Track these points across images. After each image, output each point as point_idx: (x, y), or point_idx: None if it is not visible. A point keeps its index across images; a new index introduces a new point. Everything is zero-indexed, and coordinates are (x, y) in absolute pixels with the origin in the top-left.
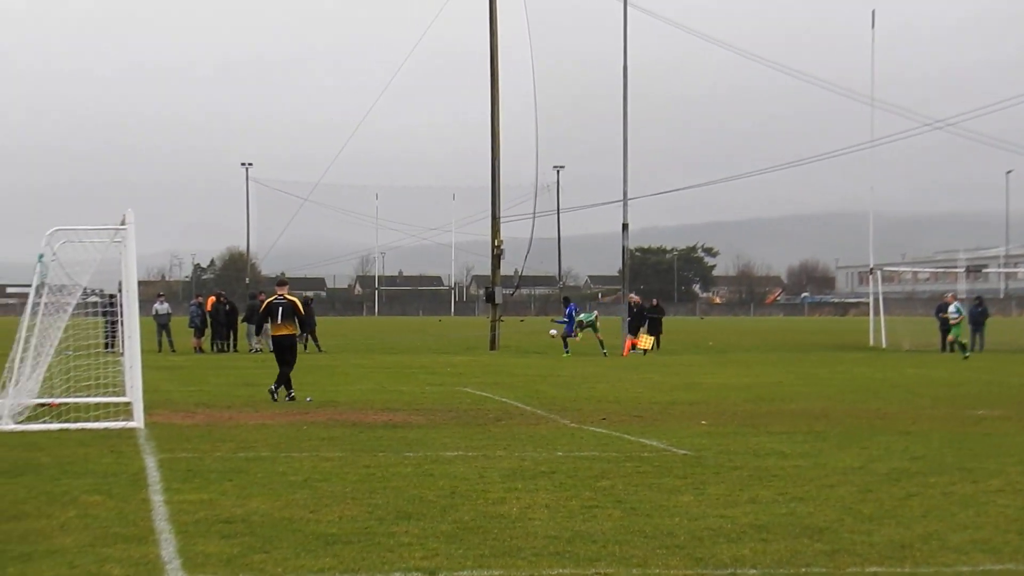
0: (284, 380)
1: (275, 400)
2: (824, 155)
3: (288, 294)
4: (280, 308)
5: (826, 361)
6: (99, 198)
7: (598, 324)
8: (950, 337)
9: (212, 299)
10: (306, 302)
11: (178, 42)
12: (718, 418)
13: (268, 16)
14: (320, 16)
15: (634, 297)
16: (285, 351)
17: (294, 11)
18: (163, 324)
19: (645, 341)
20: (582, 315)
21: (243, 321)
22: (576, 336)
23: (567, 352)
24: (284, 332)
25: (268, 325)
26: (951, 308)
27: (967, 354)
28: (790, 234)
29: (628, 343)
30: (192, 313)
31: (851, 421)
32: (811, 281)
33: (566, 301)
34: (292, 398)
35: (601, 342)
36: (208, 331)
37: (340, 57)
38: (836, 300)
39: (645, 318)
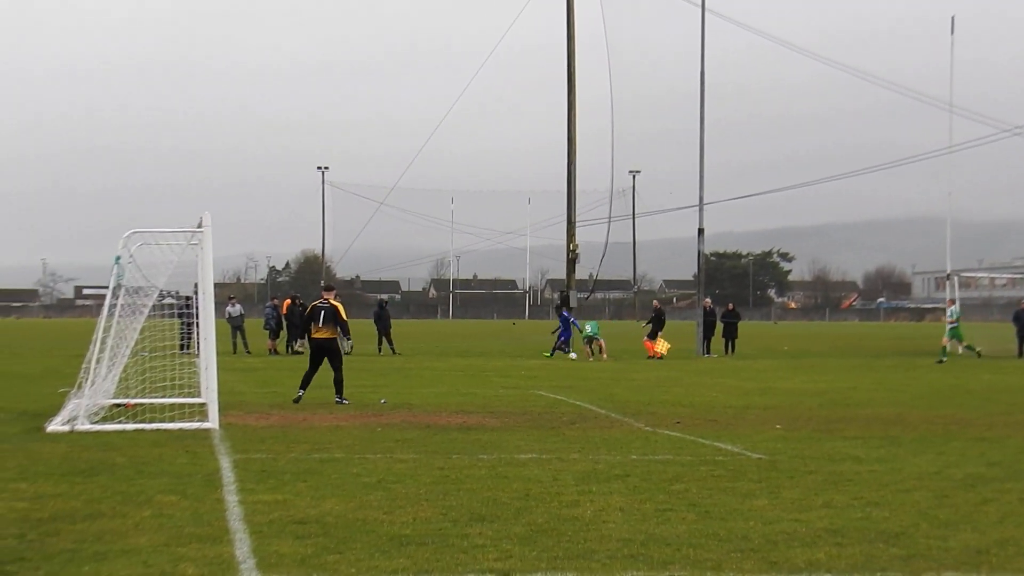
0: (338, 384)
1: (341, 402)
2: (902, 160)
3: (333, 299)
4: (322, 312)
5: (901, 367)
6: (176, 199)
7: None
8: (944, 340)
9: (288, 302)
10: (381, 305)
11: (255, 44)
12: (792, 422)
13: (346, 19)
14: (398, 19)
15: (707, 302)
16: (324, 353)
17: (372, 14)
18: (237, 326)
19: (662, 346)
20: (588, 326)
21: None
22: (588, 351)
23: (551, 355)
24: (323, 335)
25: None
26: (950, 310)
27: (977, 350)
28: (866, 239)
29: (649, 346)
30: (267, 315)
31: (926, 426)
32: (887, 287)
33: (559, 308)
34: (340, 401)
35: (602, 347)
36: (283, 333)
37: (417, 60)
38: (912, 306)
39: (719, 323)
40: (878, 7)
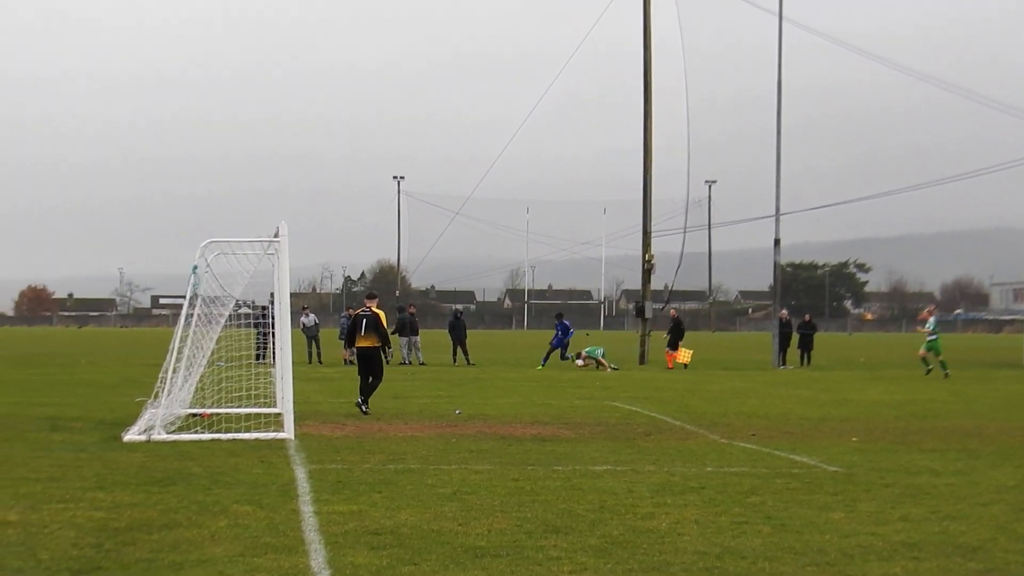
0: (369, 391)
1: (366, 412)
2: (980, 171)
3: (375, 308)
4: (364, 320)
5: (979, 379)
6: (250, 207)
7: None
8: (920, 351)
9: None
10: (456, 315)
11: (329, 50)
12: (869, 435)
13: (420, 25)
14: (473, 25)
15: (784, 313)
16: (368, 362)
17: (448, 22)
18: (312, 336)
19: (685, 355)
20: (598, 351)
21: (393, 333)
22: (582, 363)
23: (542, 367)
24: (366, 344)
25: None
26: (928, 323)
27: (946, 372)
28: (944, 250)
29: (669, 357)
30: (342, 325)
31: (1005, 439)
32: (964, 298)
33: (559, 317)
34: (365, 411)
35: (606, 364)
36: None
37: (492, 66)
38: (990, 317)
39: (795, 334)
40: (960, 12)
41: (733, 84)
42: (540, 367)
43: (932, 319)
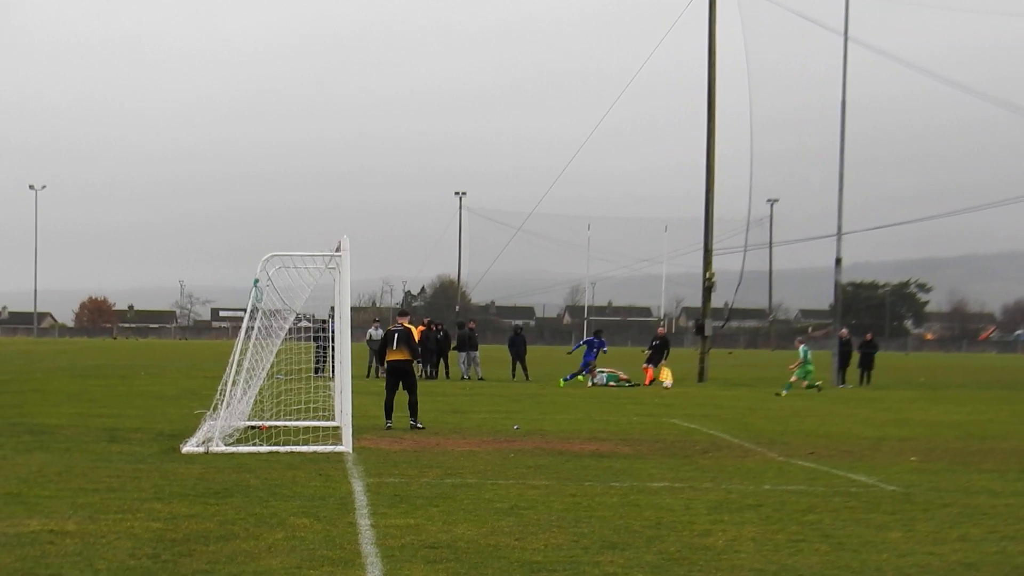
0: (413, 408)
1: (420, 427)
2: None
3: (407, 323)
4: (396, 335)
5: None
6: (312, 220)
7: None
8: (793, 379)
9: (421, 327)
10: (516, 330)
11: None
12: (928, 454)
13: (484, 40)
14: (536, 41)
15: (844, 332)
16: (400, 375)
17: (512, 35)
18: (376, 349)
19: (666, 374)
20: (607, 374)
21: (454, 349)
22: (589, 380)
23: (564, 383)
24: (398, 357)
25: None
26: (800, 349)
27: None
28: (1006, 271)
29: (647, 372)
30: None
31: None
32: None
33: (598, 334)
34: (417, 425)
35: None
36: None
37: (556, 82)
38: None
39: (855, 352)
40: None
41: (798, 101)
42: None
43: (804, 347)
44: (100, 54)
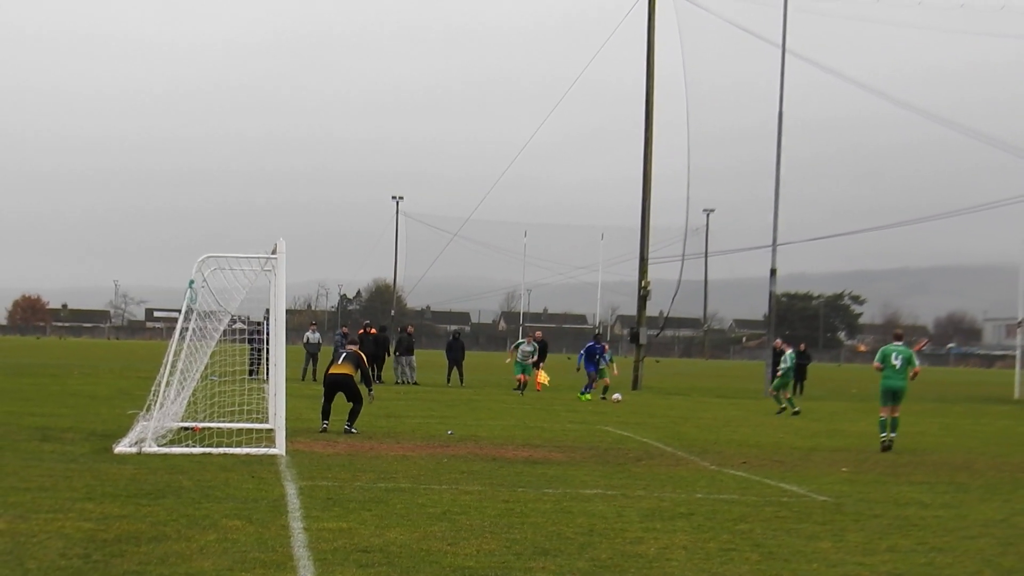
0: (353, 415)
1: (354, 432)
2: (975, 207)
3: (357, 350)
4: (345, 353)
5: (970, 413)
6: (248, 223)
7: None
8: (770, 390)
9: (373, 331)
10: (454, 335)
11: (330, 70)
12: (859, 466)
13: (423, 48)
14: (476, 50)
15: (779, 342)
16: (339, 388)
17: (451, 44)
18: (313, 353)
19: (543, 376)
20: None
21: (395, 353)
22: (592, 386)
23: (586, 394)
24: (340, 371)
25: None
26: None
27: (784, 408)
28: (939, 285)
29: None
30: (336, 343)
31: (994, 474)
32: (958, 332)
33: (598, 339)
34: (352, 431)
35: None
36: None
37: (495, 91)
38: (982, 352)
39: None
40: (955, 48)
41: (735, 115)
42: (586, 396)
43: (789, 352)
44: (34, 42)
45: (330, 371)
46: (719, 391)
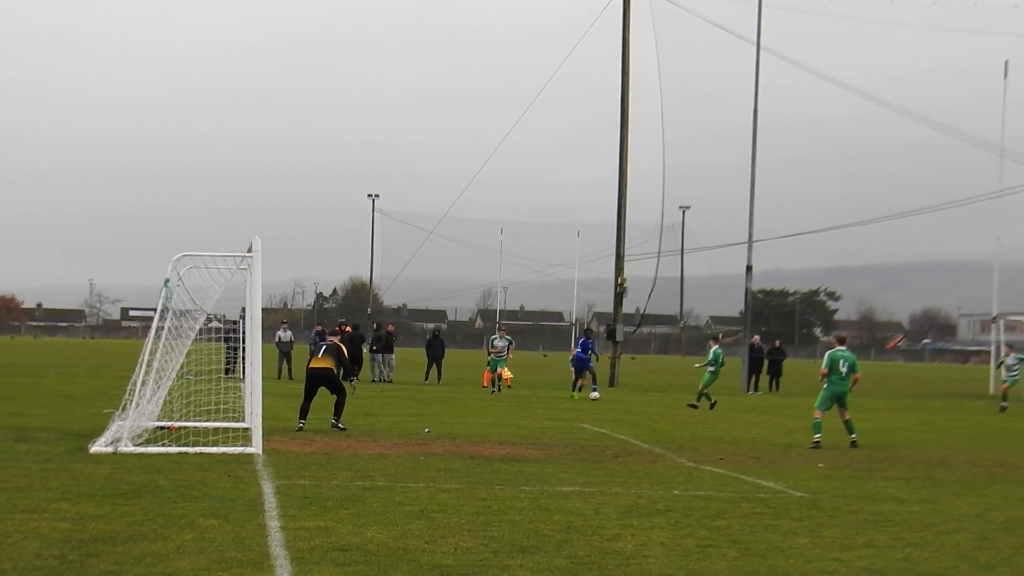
0: (338, 409)
1: (341, 428)
2: (951, 203)
3: (338, 341)
4: (325, 346)
5: (945, 408)
6: (225, 221)
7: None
8: (699, 387)
9: (348, 328)
10: (434, 333)
11: (307, 69)
12: (836, 461)
13: (401, 49)
14: (453, 51)
15: (756, 339)
16: (320, 382)
17: (428, 44)
18: (286, 351)
19: (507, 373)
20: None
21: (372, 351)
22: (580, 384)
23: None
24: (320, 365)
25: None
26: (712, 351)
27: (698, 402)
28: (914, 281)
29: (488, 377)
30: (311, 341)
31: (969, 469)
32: (932, 328)
33: (587, 333)
34: (341, 428)
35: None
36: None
37: (472, 91)
38: (957, 348)
39: (765, 360)
40: (931, 48)
41: (713, 115)
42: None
43: (716, 347)
44: (10, 38)
45: (310, 365)
46: (696, 388)
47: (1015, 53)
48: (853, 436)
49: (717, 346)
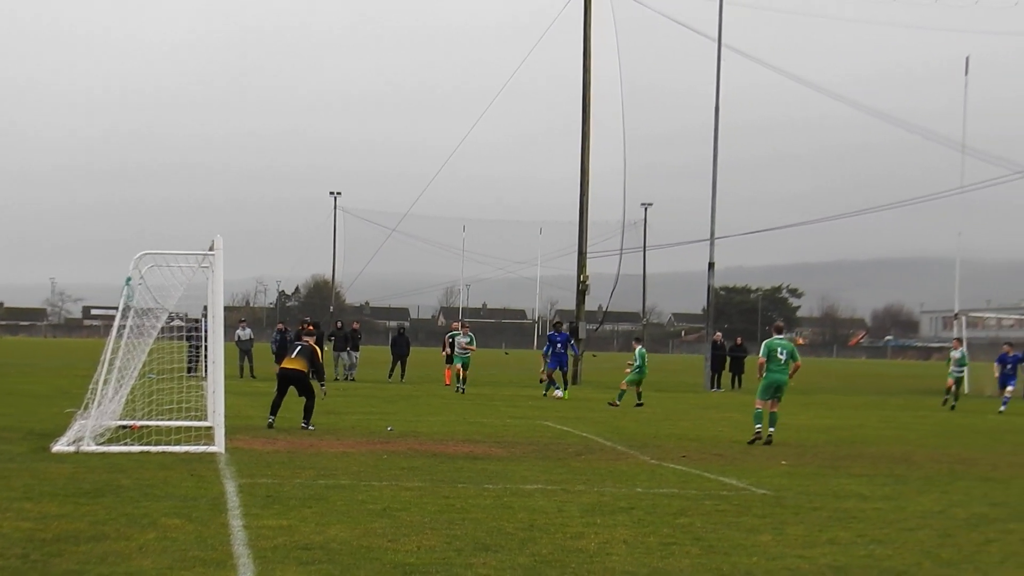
0: (308, 412)
1: (311, 429)
2: (913, 200)
3: (313, 343)
4: (300, 347)
5: (908, 405)
6: (187, 218)
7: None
8: (622, 383)
9: (312, 327)
10: (399, 331)
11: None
12: (799, 459)
13: (362, 47)
14: (415, 48)
15: (718, 335)
16: (291, 383)
17: (387, 42)
18: (245, 350)
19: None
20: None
21: (335, 350)
22: (552, 388)
23: (557, 390)
24: (293, 366)
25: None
26: (638, 351)
27: (619, 400)
28: (876, 277)
29: (448, 373)
30: (273, 340)
31: (932, 465)
32: (895, 325)
33: (557, 327)
34: (308, 427)
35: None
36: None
37: (434, 88)
38: (919, 344)
39: (727, 357)
40: (893, 47)
41: (676, 113)
42: (564, 395)
43: (640, 348)
44: None
45: (283, 365)
46: (658, 385)
47: (976, 50)
48: (771, 430)
49: (640, 346)
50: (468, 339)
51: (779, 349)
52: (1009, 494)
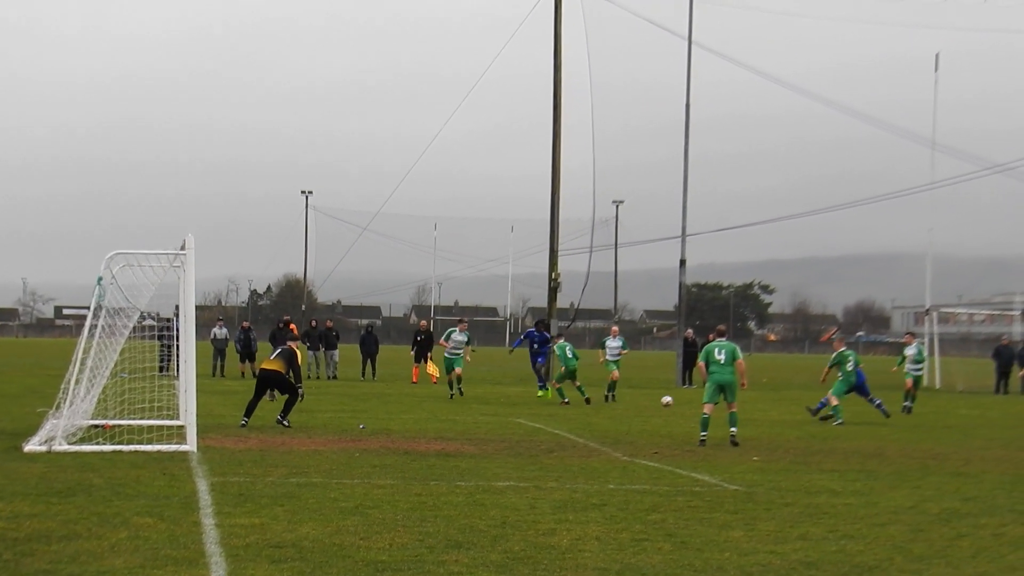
0: (287, 408)
1: (286, 425)
2: (884, 196)
3: (296, 346)
4: (280, 349)
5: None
6: (158, 216)
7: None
8: (553, 382)
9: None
10: (368, 329)
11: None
12: (770, 454)
13: (331, 41)
14: (386, 43)
15: (689, 332)
16: (270, 384)
17: (360, 38)
18: (220, 348)
19: (432, 368)
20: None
21: (309, 349)
22: (547, 386)
23: (546, 389)
24: (271, 367)
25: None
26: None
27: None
28: (847, 273)
29: (415, 371)
30: (236, 339)
31: (904, 461)
32: (867, 320)
33: (539, 326)
34: (284, 423)
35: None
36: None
37: (404, 85)
38: (891, 340)
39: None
40: (863, 43)
41: (646, 110)
42: (547, 393)
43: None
44: None
45: (262, 366)
46: (630, 382)
47: (946, 46)
48: (733, 430)
49: (561, 340)
50: (465, 337)
51: (717, 350)
52: (981, 489)
